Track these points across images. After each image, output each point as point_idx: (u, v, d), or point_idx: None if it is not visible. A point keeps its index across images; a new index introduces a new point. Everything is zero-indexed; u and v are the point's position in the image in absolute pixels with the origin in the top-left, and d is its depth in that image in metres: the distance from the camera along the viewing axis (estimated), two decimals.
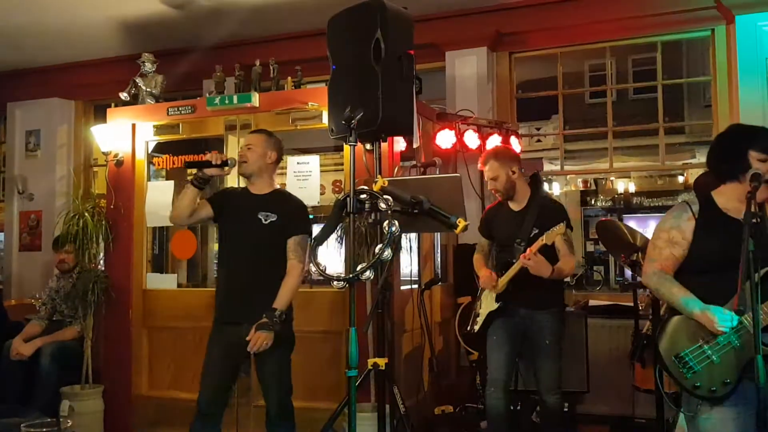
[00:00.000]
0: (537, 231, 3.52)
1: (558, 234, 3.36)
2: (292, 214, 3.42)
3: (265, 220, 3.35)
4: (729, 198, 2.48)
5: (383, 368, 3.30)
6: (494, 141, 5.10)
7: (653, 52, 5.55)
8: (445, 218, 2.70)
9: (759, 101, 4.80)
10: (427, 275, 4.59)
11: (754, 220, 2.22)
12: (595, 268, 13.88)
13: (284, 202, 3.48)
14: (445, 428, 3.96)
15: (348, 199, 2.50)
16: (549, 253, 3.47)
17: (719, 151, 2.54)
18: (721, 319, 2.30)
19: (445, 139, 4.78)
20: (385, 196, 2.45)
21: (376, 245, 2.46)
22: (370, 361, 3.38)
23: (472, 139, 4.94)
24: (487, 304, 3.66)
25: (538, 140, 12.94)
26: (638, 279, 4.16)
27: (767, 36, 4.80)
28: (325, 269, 2.44)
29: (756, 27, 4.82)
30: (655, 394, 3.76)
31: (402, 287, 4.50)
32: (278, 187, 3.61)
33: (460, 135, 4.87)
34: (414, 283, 4.57)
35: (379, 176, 2.90)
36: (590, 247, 14.10)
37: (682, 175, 11.49)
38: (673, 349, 2.44)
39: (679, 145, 11.72)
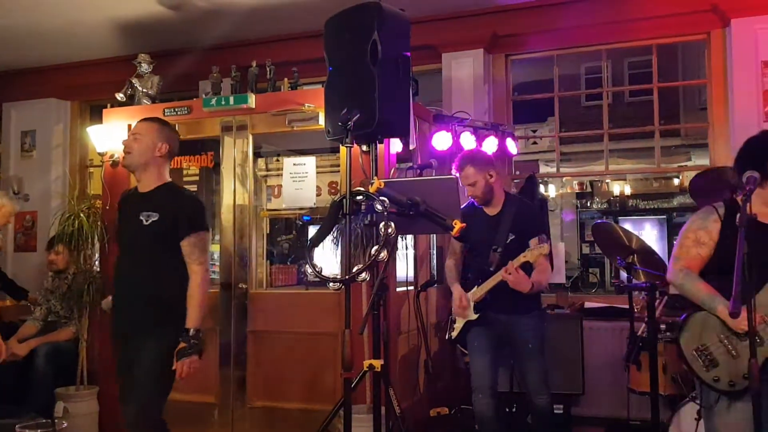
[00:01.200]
0: (513, 237, 3.49)
1: (542, 254, 3.31)
2: (179, 212, 3.00)
3: (146, 221, 2.96)
4: (755, 202, 2.48)
5: (379, 370, 3.31)
6: (491, 143, 5.10)
7: (649, 55, 5.56)
8: (441, 220, 2.71)
9: (754, 104, 4.82)
10: (423, 277, 4.59)
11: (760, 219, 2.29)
12: (590, 270, 13.93)
13: (169, 198, 3.05)
14: (441, 430, 3.96)
15: (344, 200, 2.50)
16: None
17: (746, 157, 2.57)
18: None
19: (442, 141, 4.77)
20: (381, 198, 2.45)
21: (372, 247, 2.46)
22: (366, 363, 3.38)
23: (468, 141, 4.94)
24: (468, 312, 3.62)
25: (534, 142, 12.97)
26: (634, 281, 4.16)
27: (763, 39, 4.82)
28: (321, 271, 2.44)
29: (752, 30, 4.84)
30: (650, 397, 3.76)
31: (398, 289, 4.52)
32: (168, 181, 3.16)
33: (456, 137, 4.87)
34: (410, 285, 4.57)
35: (375, 178, 2.90)
36: (586, 250, 14.15)
37: (678, 177, 11.53)
38: (694, 343, 2.55)
39: (674, 147, 11.78)
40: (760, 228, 2.45)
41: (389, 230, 2.32)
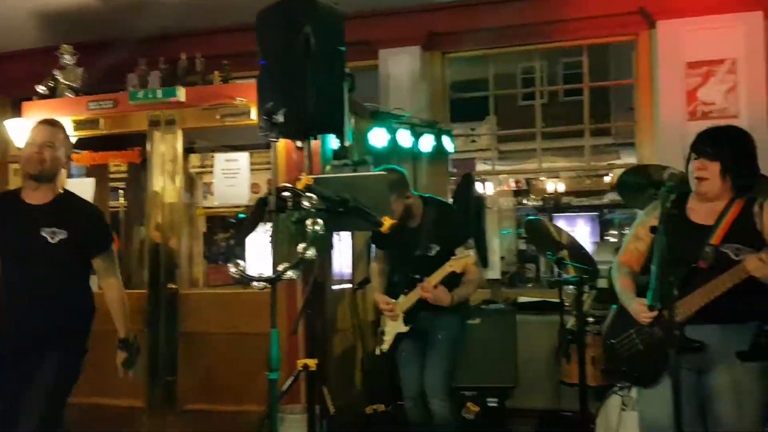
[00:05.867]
0: (438, 248, 3.39)
1: (466, 263, 3.23)
2: (90, 230, 2.96)
3: (53, 239, 2.81)
4: (692, 198, 2.58)
5: (314, 369, 3.27)
6: (428, 140, 5.13)
7: (582, 55, 5.69)
8: (370, 217, 2.68)
9: (679, 104, 4.98)
10: (360, 274, 4.56)
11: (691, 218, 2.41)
12: (527, 265, 14.19)
13: (74, 213, 2.94)
14: (377, 427, 3.94)
15: (270, 197, 2.44)
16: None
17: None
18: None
19: (379, 138, 4.76)
20: (308, 194, 2.41)
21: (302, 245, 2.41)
22: (300, 363, 3.34)
23: (405, 138, 4.95)
24: (394, 323, 3.52)
25: (473, 141, 13.12)
26: (564, 276, 4.24)
27: (689, 41, 4.98)
28: (245, 269, 2.38)
29: (677, 32, 4.99)
30: (579, 388, 3.84)
31: (335, 287, 4.48)
32: (63, 190, 3.00)
33: (393, 134, 4.86)
34: (347, 283, 4.54)
35: (303, 174, 2.86)
36: (522, 246, 14.41)
37: (608, 175, 11.86)
38: (608, 336, 2.71)
39: (605, 146, 12.11)
40: (691, 226, 2.51)
41: (317, 227, 2.28)
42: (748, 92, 4.84)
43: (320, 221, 2.29)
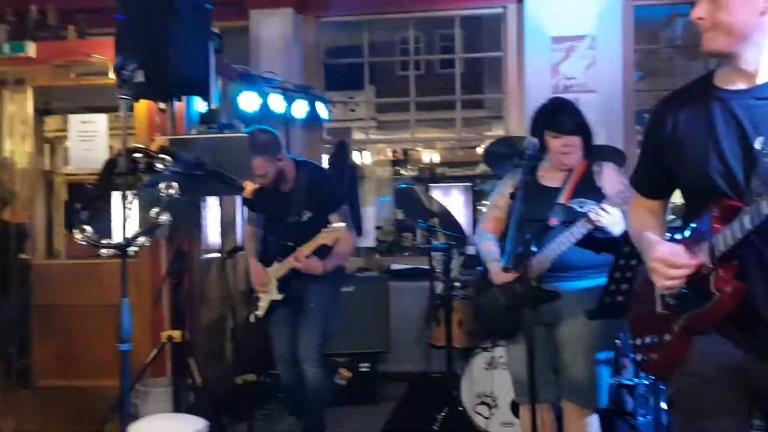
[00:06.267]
0: (311, 214, 3.34)
1: (337, 236, 3.18)
2: None
3: None
4: (543, 165, 2.75)
5: (179, 341, 3.17)
6: (301, 106, 5.04)
7: (459, 26, 5.77)
8: (230, 180, 2.59)
9: (546, 78, 5.19)
10: (231, 243, 4.44)
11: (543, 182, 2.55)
12: (404, 234, 14.48)
13: None
14: (248, 397, 3.88)
15: (120, 158, 2.29)
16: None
17: (530, 129, 2.76)
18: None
19: (249, 101, 4.62)
20: (162, 156, 2.28)
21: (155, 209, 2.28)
22: (165, 335, 3.23)
23: (277, 102, 4.83)
24: (270, 290, 3.46)
25: (352, 109, 13.11)
26: (434, 243, 4.35)
27: (554, 15, 5.17)
28: (92, 236, 2.23)
29: (544, 6, 5.18)
30: (446, 350, 3.98)
31: (206, 256, 4.35)
32: None
33: (265, 98, 4.74)
34: (217, 252, 4.41)
35: (157, 135, 2.71)
36: (400, 215, 14.68)
37: (481, 146, 12.28)
38: (476, 297, 2.89)
39: (478, 118, 12.50)
40: (543, 190, 2.66)
41: (171, 191, 2.16)
42: (606, 68, 5.12)
43: (175, 185, 2.18)
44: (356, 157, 12.27)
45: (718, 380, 1.61)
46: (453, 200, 13.07)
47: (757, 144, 1.49)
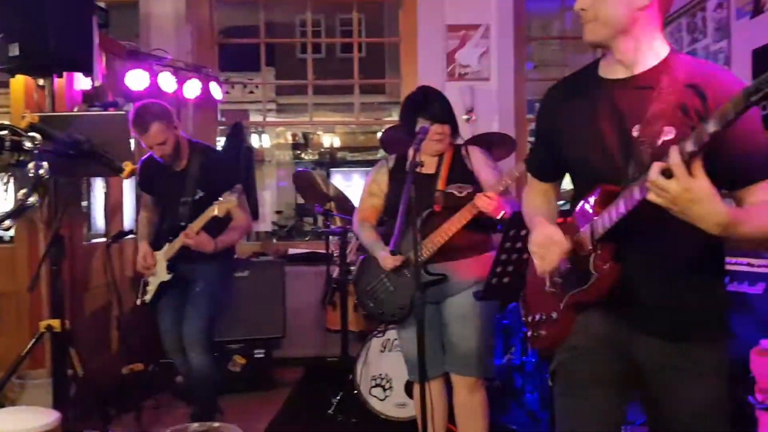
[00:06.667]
0: (203, 194, 3.23)
1: (228, 207, 3.08)
2: None
3: None
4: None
5: (59, 330, 3.02)
6: (194, 86, 4.87)
7: (358, 11, 5.74)
8: (108, 161, 2.46)
9: (441, 65, 5.26)
10: (116, 227, 4.25)
11: (417, 170, 2.45)
12: (305, 219, 14.41)
13: None
14: (134, 387, 3.74)
15: None
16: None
17: (401, 117, 2.82)
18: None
19: (137, 80, 4.41)
20: (31, 134, 2.13)
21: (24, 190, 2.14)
22: (43, 324, 3.07)
23: (168, 81, 4.65)
24: (158, 272, 3.35)
25: (251, 91, 12.85)
26: (331, 227, 4.34)
27: (449, 4, 5.24)
28: None
29: None
30: (341, 334, 3.99)
31: (94, 241, 4.13)
32: None
33: (154, 77, 4.54)
34: (102, 237, 4.21)
35: (27, 112, 2.53)
36: (301, 200, 14.58)
37: (381, 131, 12.38)
38: (362, 284, 2.88)
39: (379, 104, 12.58)
40: (419, 177, 2.67)
41: (40, 171, 2.03)
42: (499, 57, 5.26)
43: (45, 165, 2.04)
44: (255, 140, 12.06)
45: (595, 352, 1.69)
46: (354, 184, 13.12)
47: (635, 131, 1.57)
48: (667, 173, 1.31)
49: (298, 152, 14.21)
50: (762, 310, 2.86)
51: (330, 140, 13.55)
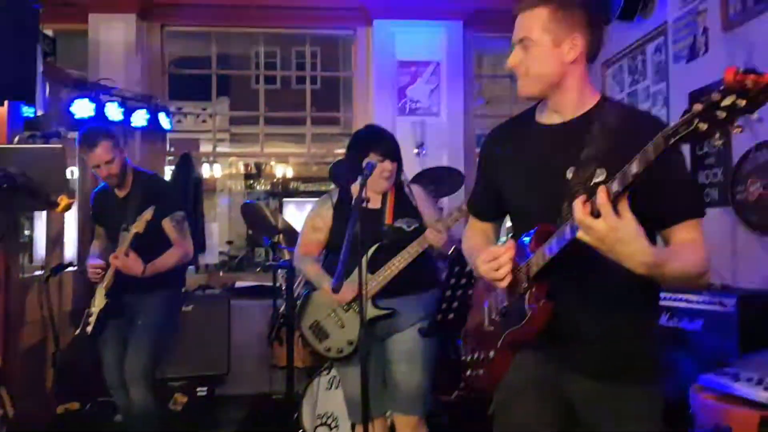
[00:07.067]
0: None
1: (145, 220, 3.01)
2: None
3: None
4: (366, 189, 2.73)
5: None
6: (141, 116, 4.80)
7: (312, 45, 5.78)
8: (43, 195, 2.38)
9: (393, 100, 5.33)
10: (55, 260, 4.12)
11: (363, 205, 2.44)
12: (256, 250, 14.24)
13: None
14: (68, 427, 3.58)
15: None
16: (161, 236, 3.19)
17: (348, 151, 2.84)
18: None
19: (82, 108, 4.33)
20: None
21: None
22: None
23: (114, 111, 4.58)
24: (98, 301, 3.24)
25: (204, 121, 12.74)
26: (279, 260, 4.29)
27: (401, 41, 5.34)
28: None
29: (390, 32, 5.33)
30: (287, 370, 3.92)
31: (35, 273, 3.99)
32: None
33: (101, 107, 4.46)
34: (40, 269, 4.07)
35: None
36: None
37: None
38: (309, 319, 2.80)
39: (332, 135, 12.61)
40: (365, 212, 2.66)
41: None
42: (449, 93, 5.36)
43: None
44: (206, 169, 11.93)
45: (530, 393, 1.70)
46: (305, 216, 13.04)
47: (568, 173, 1.60)
48: (596, 213, 1.34)
49: (251, 182, 14.08)
50: (701, 346, 2.92)
51: (283, 170, 13.48)
